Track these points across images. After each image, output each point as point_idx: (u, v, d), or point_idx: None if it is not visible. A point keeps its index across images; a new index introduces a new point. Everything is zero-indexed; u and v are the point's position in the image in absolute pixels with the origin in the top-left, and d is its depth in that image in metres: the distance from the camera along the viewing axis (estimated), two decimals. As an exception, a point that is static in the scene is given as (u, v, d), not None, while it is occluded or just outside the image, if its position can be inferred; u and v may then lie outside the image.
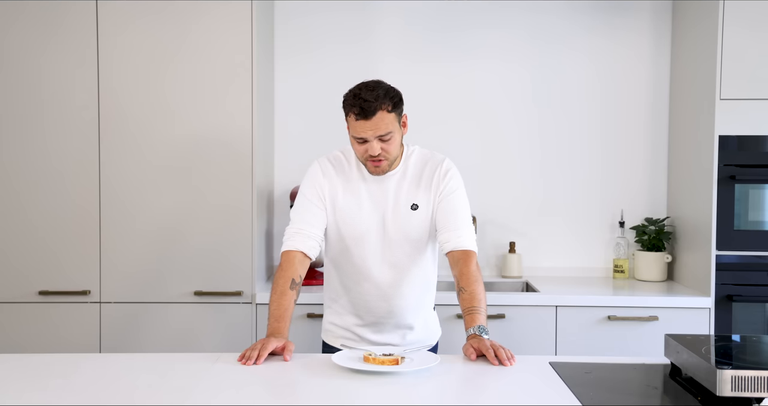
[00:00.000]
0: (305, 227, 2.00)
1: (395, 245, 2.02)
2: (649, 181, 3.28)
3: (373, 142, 1.90)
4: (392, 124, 1.90)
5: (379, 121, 1.87)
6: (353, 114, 1.89)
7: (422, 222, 2.02)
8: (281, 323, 1.87)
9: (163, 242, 2.77)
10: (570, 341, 2.74)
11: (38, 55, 2.75)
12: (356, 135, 1.91)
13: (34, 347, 2.74)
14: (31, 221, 2.77)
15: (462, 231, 1.99)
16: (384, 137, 1.90)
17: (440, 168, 2.04)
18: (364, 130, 1.88)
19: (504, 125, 3.29)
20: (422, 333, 2.13)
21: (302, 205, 2.03)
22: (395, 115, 1.91)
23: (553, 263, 3.29)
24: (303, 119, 3.23)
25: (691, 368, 1.54)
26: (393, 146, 1.94)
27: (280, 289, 1.92)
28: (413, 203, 2.01)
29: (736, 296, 2.73)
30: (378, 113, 1.87)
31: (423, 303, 2.12)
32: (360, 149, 1.94)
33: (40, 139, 2.77)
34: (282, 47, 3.25)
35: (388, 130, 1.89)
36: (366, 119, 1.87)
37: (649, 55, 3.26)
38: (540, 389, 1.58)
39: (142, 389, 1.56)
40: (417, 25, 3.26)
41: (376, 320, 2.07)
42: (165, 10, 2.74)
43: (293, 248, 1.98)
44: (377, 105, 1.86)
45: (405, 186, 2.03)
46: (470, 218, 2.04)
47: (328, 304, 2.16)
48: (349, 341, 2.09)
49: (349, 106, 1.90)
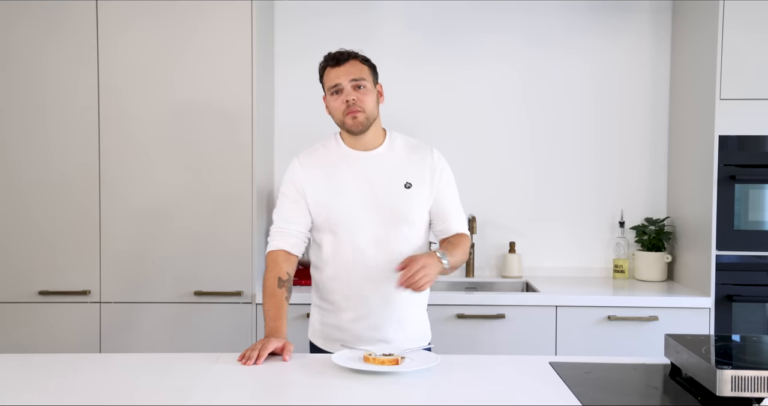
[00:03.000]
0: (285, 226, 2.02)
1: (387, 223, 1.98)
2: (649, 181, 3.29)
3: (347, 87, 1.94)
4: (365, 73, 1.97)
5: (351, 67, 1.95)
6: (328, 66, 1.97)
7: (417, 202, 2.00)
8: (277, 322, 1.88)
9: (163, 242, 2.77)
10: (570, 341, 2.74)
11: (40, 54, 2.75)
12: (332, 83, 1.96)
13: (34, 347, 2.74)
14: (31, 221, 2.78)
15: (460, 219, 2.07)
16: (358, 82, 1.95)
17: (432, 156, 2.05)
18: (337, 76, 1.95)
19: (504, 125, 3.29)
20: (416, 328, 2.07)
21: (281, 204, 2.05)
22: (369, 70, 1.99)
23: (553, 263, 3.29)
24: (303, 123, 3.23)
25: (691, 368, 1.54)
26: (368, 98, 1.96)
27: (269, 290, 1.95)
28: (407, 182, 2.00)
29: (736, 296, 2.74)
30: (350, 61, 1.96)
31: (418, 298, 2.06)
32: (337, 103, 1.96)
33: (42, 140, 2.77)
34: (282, 51, 3.25)
35: (361, 76, 1.95)
36: (339, 65, 1.95)
37: (649, 56, 3.26)
38: (540, 389, 1.58)
39: (142, 389, 1.56)
40: (417, 28, 3.26)
41: (369, 312, 2.00)
42: (165, 11, 2.74)
43: (275, 247, 2.01)
44: (349, 54, 1.97)
45: (394, 164, 2.02)
46: (461, 207, 2.11)
47: (317, 303, 2.10)
48: (340, 341, 2.01)
49: (324, 61, 1.99)
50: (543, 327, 2.75)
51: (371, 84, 1.99)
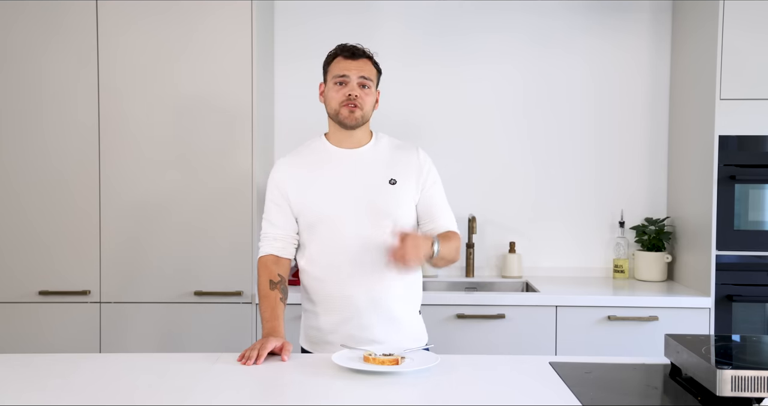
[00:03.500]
0: (270, 230, 2.03)
1: (371, 220, 1.95)
2: (649, 181, 3.29)
3: (353, 82, 1.95)
4: (373, 75, 2.00)
5: (364, 65, 1.98)
6: (342, 57, 1.97)
7: (402, 198, 1.99)
8: (274, 322, 1.88)
9: (162, 242, 2.77)
10: (570, 341, 2.74)
11: (39, 54, 2.75)
12: (339, 72, 1.96)
13: (34, 347, 2.74)
14: (31, 221, 2.78)
15: (448, 218, 2.06)
16: (365, 81, 1.97)
17: (418, 155, 2.05)
18: (348, 68, 1.96)
19: (504, 125, 3.29)
20: (408, 329, 2.02)
21: (267, 209, 2.06)
22: (376, 73, 2.02)
23: (553, 263, 3.29)
24: (303, 123, 3.22)
25: (691, 368, 1.54)
26: (368, 98, 1.98)
27: (262, 293, 1.96)
28: (391, 178, 1.99)
29: (736, 296, 2.73)
30: (365, 59, 1.99)
31: (407, 295, 2.02)
32: (338, 93, 1.96)
33: (41, 139, 2.77)
34: (282, 51, 3.25)
35: (369, 76, 1.98)
36: (353, 59, 1.97)
37: (649, 56, 3.26)
38: (540, 389, 1.58)
39: (142, 389, 1.56)
40: (416, 28, 3.26)
41: (356, 312, 1.96)
42: (165, 12, 2.74)
43: (263, 253, 2.03)
44: (364, 51, 1.99)
45: (379, 162, 2.01)
46: (449, 206, 2.09)
47: (306, 306, 2.07)
48: (330, 344, 1.99)
49: (338, 51, 2.00)
50: (543, 327, 2.75)
51: (374, 87, 2.01)
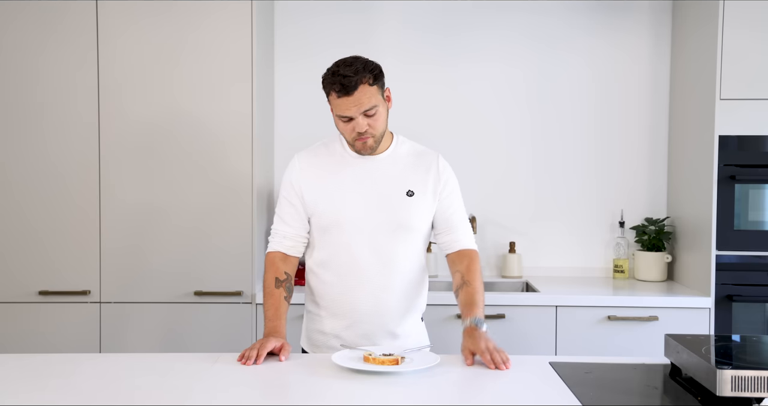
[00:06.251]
0: (281, 228, 2.01)
1: (385, 230, 1.92)
2: (649, 181, 3.29)
3: (358, 118, 1.84)
4: (375, 97, 1.85)
5: (361, 96, 1.82)
6: (334, 92, 1.83)
7: (418, 211, 1.95)
8: (276, 321, 1.88)
9: (162, 241, 2.77)
10: (570, 341, 2.74)
11: (37, 54, 2.75)
12: (341, 113, 1.85)
13: (34, 347, 2.74)
14: (30, 221, 2.78)
15: (466, 232, 2.02)
16: (369, 112, 1.84)
17: (438, 163, 2.01)
18: (347, 108, 1.83)
19: (504, 125, 3.29)
20: (411, 338, 2.00)
21: (279, 205, 2.02)
22: (377, 88, 1.86)
23: (553, 263, 3.29)
24: (303, 121, 3.23)
25: (691, 368, 1.54)
26: (379, 121, 1.88)
27: (267, 290, 1.95)
28: (409, 190, 1.95)
29: (736, 296, 2.73)
30: (359, 88, 1.81)
31: (411, 307, 2.01)
32: (346, 128, 1.88)
33: (40, 140, 2.77)
34: (282, 51, 3.25)
35: (372, 104, 1.84)
36: (348, 95, 1.82)
37: (649, 56, 3.26)
38: (540, 389, 1.58)
39: (142, 389, 1.56)
40: (416, 27, 3.26)
41: (360, 319, 1.95)
42: (166, 12, 2.74)
43: (272, 249, 2.02)
44: (357, 79, 1.81)
45: (397, 171, 1.97)
46: (467, 217, 2.06)
47: (309, 308, 2.06)
48: (331, 349, 1.97)
49: (329, 85, 1.85)
50: (543, 327, 2.75)
51: (382, 103, 1.89)
